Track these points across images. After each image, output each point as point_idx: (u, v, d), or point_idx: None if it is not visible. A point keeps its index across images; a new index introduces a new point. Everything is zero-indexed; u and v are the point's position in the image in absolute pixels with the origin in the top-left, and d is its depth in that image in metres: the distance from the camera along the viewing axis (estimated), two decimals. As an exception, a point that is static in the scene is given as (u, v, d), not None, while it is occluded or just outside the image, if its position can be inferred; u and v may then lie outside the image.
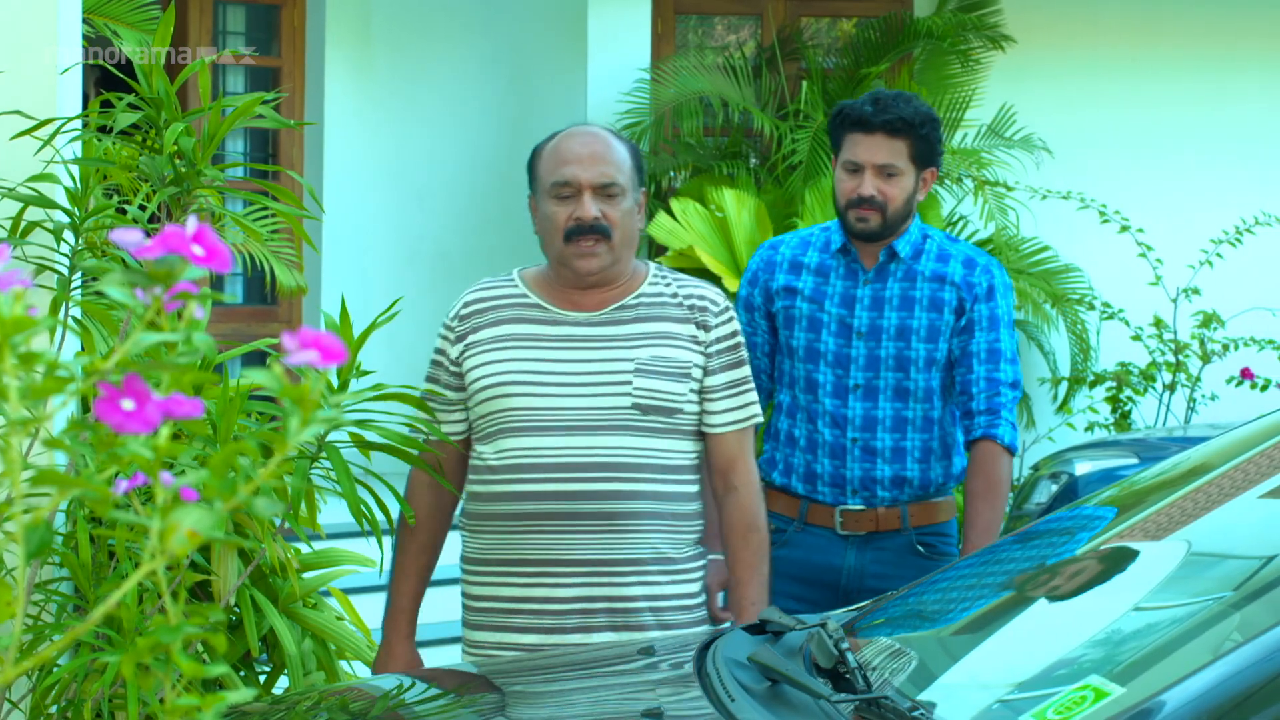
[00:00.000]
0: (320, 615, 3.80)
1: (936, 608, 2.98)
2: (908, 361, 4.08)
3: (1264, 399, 8.77)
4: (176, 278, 1.26)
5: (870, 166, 4.05)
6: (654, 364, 3.48)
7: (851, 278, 4.14)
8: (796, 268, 4.19)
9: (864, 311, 4.10)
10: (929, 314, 4.09)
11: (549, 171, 3.53)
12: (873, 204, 4.04)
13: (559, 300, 3.56)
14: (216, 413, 3.36)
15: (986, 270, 4.15)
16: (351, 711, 2.81)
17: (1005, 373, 4.12)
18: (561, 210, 3.49)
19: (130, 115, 3.51)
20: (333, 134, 9.11)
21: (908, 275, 4.12)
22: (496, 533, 3.49)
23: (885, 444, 4.08)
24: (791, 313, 4.16)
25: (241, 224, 4.11)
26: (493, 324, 3.56)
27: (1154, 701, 2.10)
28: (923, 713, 2.29)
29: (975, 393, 4.09)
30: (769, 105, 9.04)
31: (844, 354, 4.10)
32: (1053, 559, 3.06)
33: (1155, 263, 8.97)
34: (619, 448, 3.44)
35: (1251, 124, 9.70)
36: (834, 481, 4.11)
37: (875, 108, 4.05)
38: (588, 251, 3.47)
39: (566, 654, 3.05)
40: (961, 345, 4.11)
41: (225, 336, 7.89)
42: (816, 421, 4.11)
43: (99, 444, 1.25)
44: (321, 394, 1.24)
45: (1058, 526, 3.23)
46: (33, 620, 3.58)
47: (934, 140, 4.09)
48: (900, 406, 4.09)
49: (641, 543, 3.45)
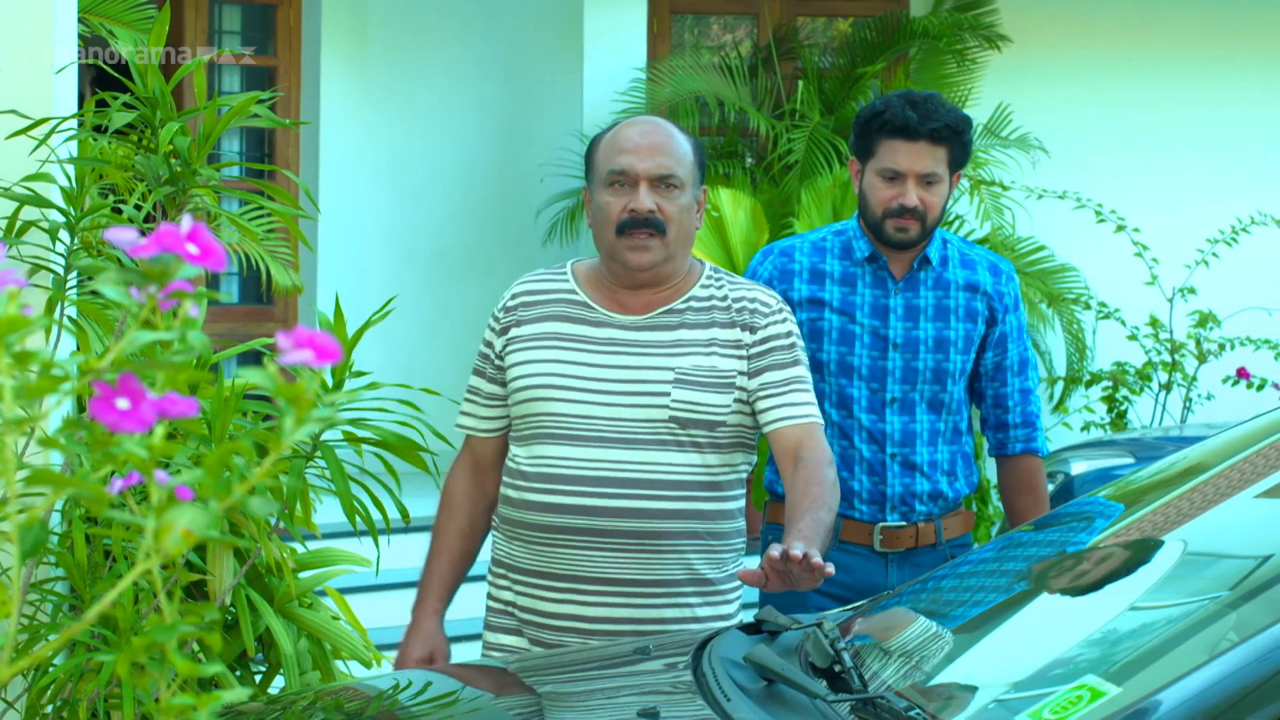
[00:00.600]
0: (316, 615, 3.80)
1: (932, 608, 2.98)
2: (945, 374, 3.94)
3: (1260, 398, 8.78)
4: (171, 277, 1.25)
5: (914, 175, 3.88)
6: (695, 374, 3.33)
7: (880, 286, 3.96)
8: (818, 276, 3.98)
9: (898, 322, 3.94)
10: (965, 324, 3.96)
11: (605, 160, 3.39)
12: (914, 214, 3.88)
13: (606, 300, 3.43)
14: (211, 412, 3.36)
15: (1011, 278, 4.06)
16: (347, 711, 2.80)
17: (1033, 381, 4.08)
18: (616, 201, 3.36)
19: (126, 115, 3.51)
20: (328, 133, 9.10)
21: (939, 284, 3.97)
22: (526, 542, 3.38)
23: (923, 458, 3.94)
24: (819, 325, 3.95)
25: (237, 223, 4.11)
26: (538, 319, 3.44)
27: (1150, 701, 2.10)
28: (918, 712, 2.29)
29: (1011, 405, 4.03)
30: (765, 105, 9.04)
31: (879, 367, 3.93)
32: (1049, 559, 3.06)
33: (1151, 262, 8.98)
34: (654, 464, 3.30)
35: (1248, 124, 9.71)
36: (872, 499, 3.93)
37: (918, 114, 3.88)
38: (640, 245, 3.34)
39: (562, 654, 3.04)
40: (995, 359, 4.02)
41: (220, 336, 7.88)
42: (853, 437, 3.93)
43: (94, 443, 1.25)
44: (316, 393, 1.24)
45: (1053, 527, 3.22)
46: (28, 620, 3.58)
47: (969, 144, 3.97)
48: (934, 419, 3.95)
49: (676, 563, 3.31)
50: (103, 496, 1.25)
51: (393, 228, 9.35)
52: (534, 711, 2.76)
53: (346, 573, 3.96)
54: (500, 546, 3.48)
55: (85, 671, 3.42)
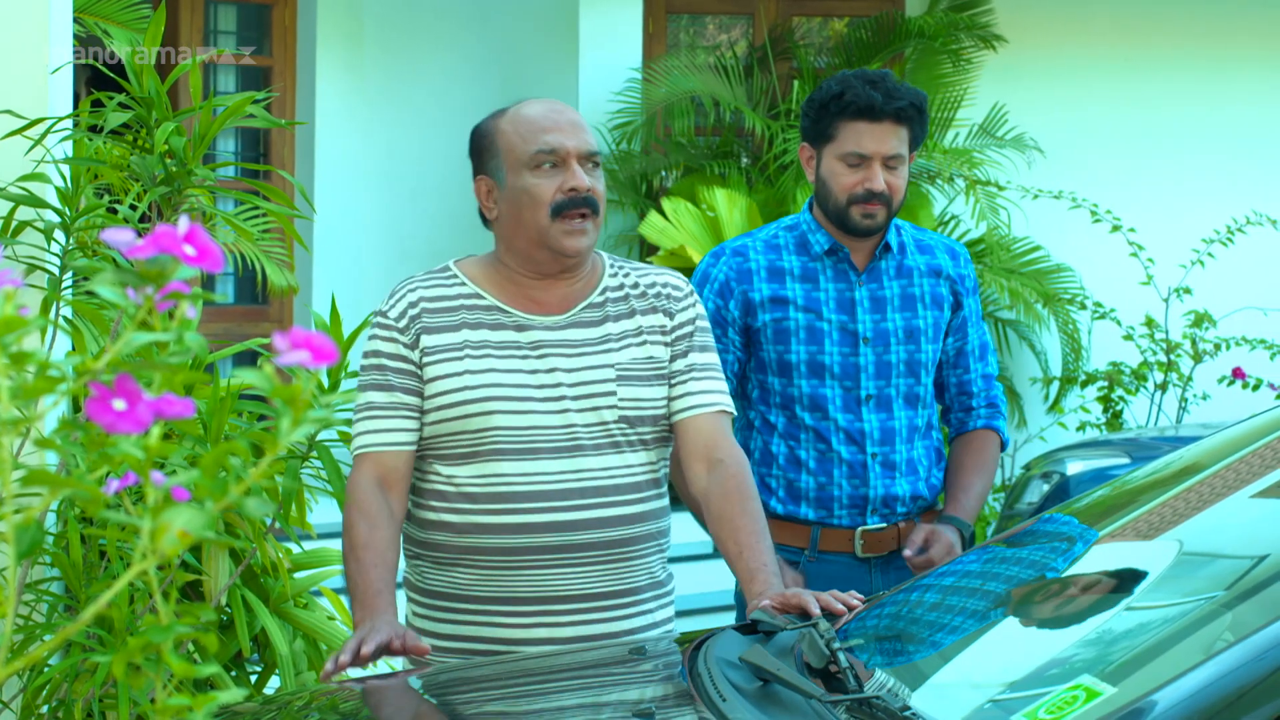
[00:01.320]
0: (311, 615, 3.80)
1: (928, 607, 2.98)
2: (918, 365, 3.77)
3: (1255, 398, 8.79)
4: (168, 277, 1.25)
5: (879, 158, 3.68)
6: (635, 367, 3.15)
7: (843, 279, 3.76)
8: (777, 274, 3.77)
9: (865, 315, 3.74)
10: (932, 311, 3.79)
11: (524, 141, 3.11)
12: (881, 198, 3.68)
13: (518, 300, 3.16)
14: (208, 412, 3.36)
15: (967, 261, 3.90)
16: (343, 711, 2.80)
17: (993, 366, 3.95)
18: (546, 183, 3.08)
19: (121, 115, 3.51)
20: (324, 133, 9.10)
21: (901, 271, 3.79)
22: (477, 568, 3.10)
23: (903, 456, 3.76)
24: (785, 325, 3.74)
25: (233, 224, 4.11)
26: (448, 328, 3.14)
27: (1145, 701, 2.10)
28: (914, 712, 2.29)
29: (975, 391, 3.89)
30: (760, 105, 9.04)
31: (851, 363, 3.73)
32: (1045, 559, 3.06)
33: (1147, 262, 8.99)
34: (610, 468, 3.11)
35: (1243, 124, 9.72)
36: (853, 503, 3.73)
37: (881, 93, 3.68)
38: (577, 229, 3.08)
39: (557, 654, 3.03)
40: (957, 345, 3.87)
41: (216, 336, 7.88)
42: (830, 440, 3.72)
43: (90, 444, 1.25)
44: (312, 394, 1.24)
45: (1049, 526, 3.22)
46: (23, 620, 3.57)
47: (928, 122, 3.81)
48: (912, 414, 3.78)
49: (640, 568, 3.16)
50: (98, 497, 1.25)
51: (388, 228, 9.35)
52: (531, 713, 2.76)
53: (342, 573, 3.96)
54: (430, 575, 3.18)
55: (81, 672, 3.42)
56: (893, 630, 2.91)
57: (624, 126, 8.86)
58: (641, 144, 8.90)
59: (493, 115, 3.20)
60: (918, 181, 8.86)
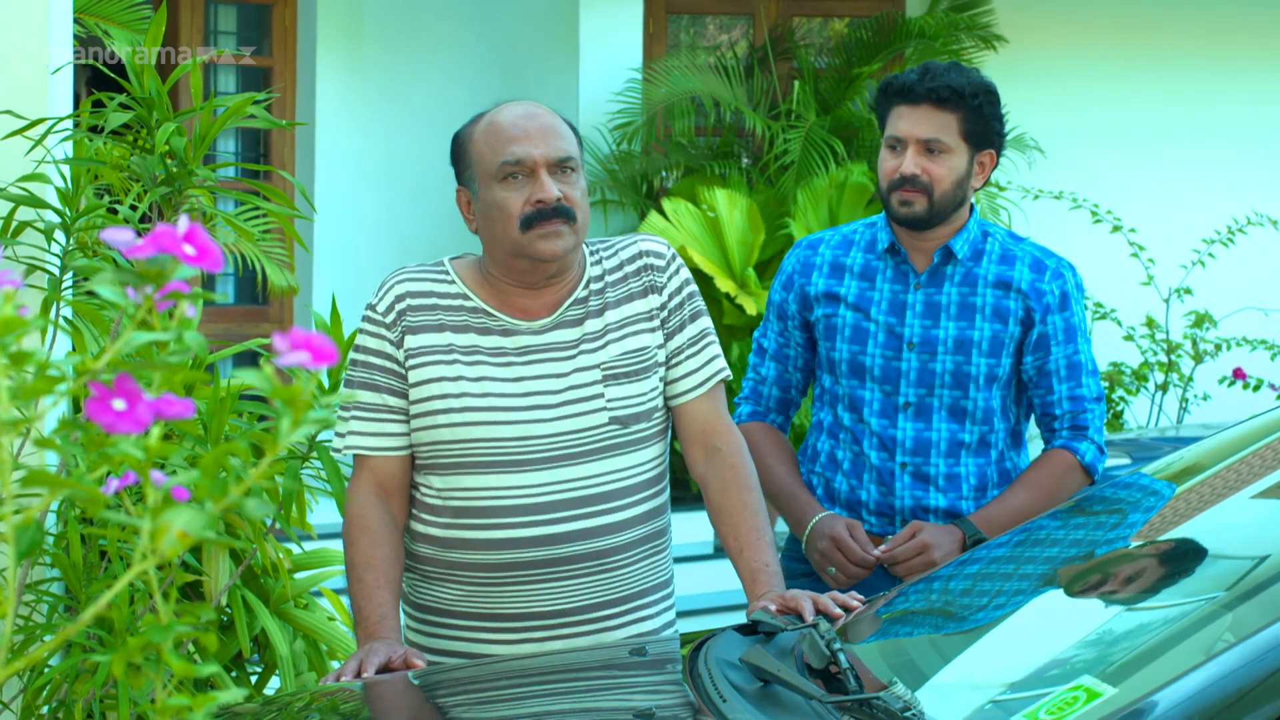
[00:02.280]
0: (311, 615, 3.80)
1: (928, 608, 2.98)
2: (966, 378, 3.58)
3: (1256, 399, 8.79)
4: (168, 277, 1.25)
5: (914, 141, 3.57)
6: (620, 363, 3.06)
7: (901, 281, 3.64)
8: (838, 270, 3.68)
9: (915, 319, 3.61)
10: (992, 324, 3.59)
11: (491, 152, 3.02)
12: (916, 184, 3.56)
13: (505, 305, 3.09)
14: (208, 413, 3.35)
15: (1058, 274, 3.63)
16: (343, 712, 2.80)
17: (1089, 387, 3.65)
18: (514, 196, 2.99)
19: (121, 115, 3.50)
20: (324, 134, 9.10)
21: (967, 279, 3.62)
22: (460, 583, 3.05)
23: (939, 470, 3.59)
24: (833, 321, 3.66)
25: (233, 224, 4.10)
26: (434, 328, 3.07)
27: (1146, 702, 2.10)
28: (915, 713, 2.29)
29: (1059, 414, 3.64)
30: (761, 105, 9.04)
31: (892, 368, 3.60)
32: (1045, 559, 3.06)
33: (1147, 263, 8.99)
34: (602, 474, 3.03)
35: (1243, 124, 9.72)
36: (880, 510, 3.62)
37: (922, 76, 3.58)
38: (551, 232, 2.98)
39: (558, 655, 3.03)
40: (1037, 364, 3.62)
41: (217, 336, 7.88)
42: (863, 443, 3.62)
43: (90, 444, 1.25)
44: (313, 394, 1.24)
45: (1049, 526, 3.22)
46: (24, 621, 3.57)
47: (990, 116, 3.62)
48: (956, 428, 3.59)
49: (634, 576, 3.09)
50: (98, 497, 1.24)
51: (388, 228, 9.35)
52: (531, 713, 2.76)
53: (342, 573, 3.95)
54: (421, 589, 3.13)
55: (81, 672, 3.42)
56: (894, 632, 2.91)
57: (624, 127, 8.86)
58: (642, 144, 8.90)
59: (470, 122, 3.13)
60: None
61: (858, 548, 3.54)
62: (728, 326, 8.03)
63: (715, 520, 3.12)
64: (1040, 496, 3.59)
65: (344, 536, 3.06)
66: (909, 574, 3.50)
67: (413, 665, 2.83)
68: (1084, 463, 3.63)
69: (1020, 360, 3.64)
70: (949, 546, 3.52)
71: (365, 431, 3.08)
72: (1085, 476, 3.64)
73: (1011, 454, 3.68)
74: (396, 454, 3.08)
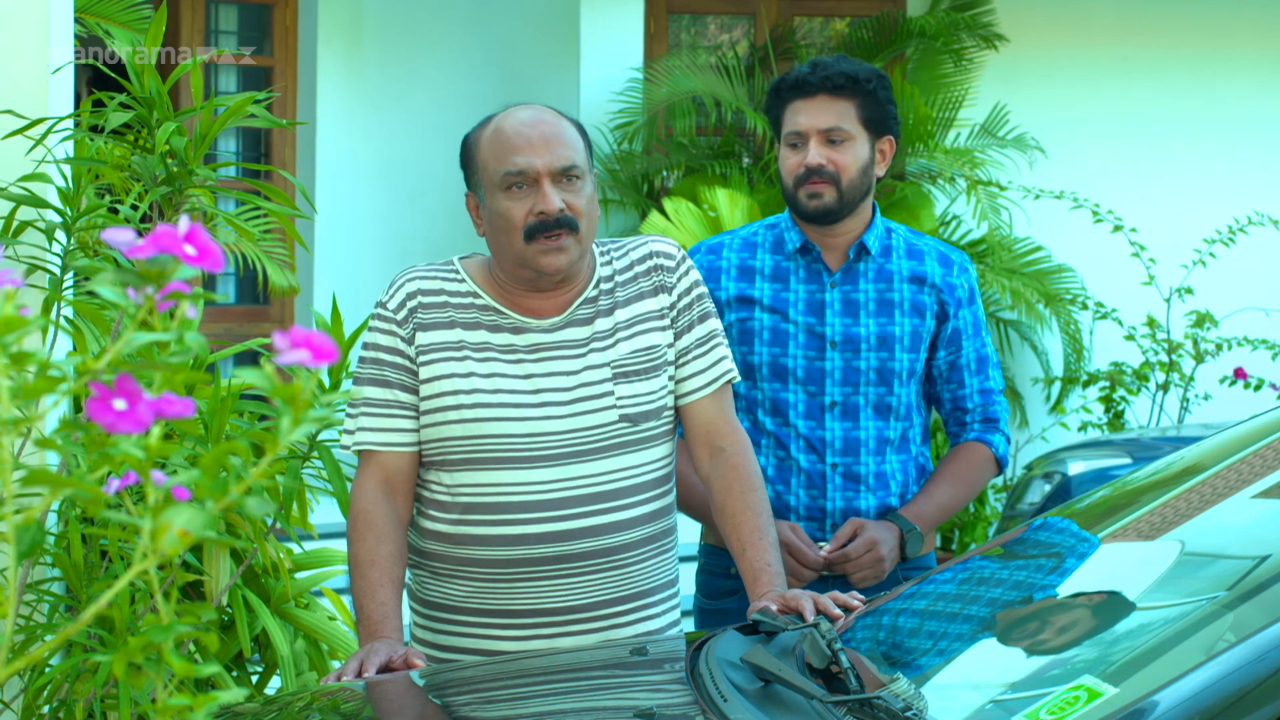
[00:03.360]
0: (312, 615, 3.80)
1: (929, 608, 2.98)
2: (890, 374, 3.56)
3: (1257, 399, 8.79)
4: (168, 277, 1.25)
5: (814, 133, 3.52)
6: (630, 361, 3.07)
7: (815, 280, 3.60)
8: (747, 273, 3.63)
9: (835, 318, 3.57)
10: (911, 319, 3.59)
11: (495, 161, 3.02)
12: (823, 174, 3.51)
13: (515, 304, 3.09)
14: (208, 412, 3.36)
15: (964, 269, 3.66)
16: (344, 712, 2.80)
17: (995, 380, 3.71)
18: (517, 206, 3.00)
19: (122, 115, 3.50)
20: (325, 133, 9.11)
21: (881, 275, 3.60)
22: (470, 579, 3.06)
23: (869, 469, 3.57)
24: (749, 325, 3.60)
25: (234, 223, 4.10)
26: (445, 325, 3.07)
27: (1147, 702, 2.10)
28: (915, 713, 2.29)
29: (970, 407, 3.67)
30: (762, 105, 9.04)
31: (816, 368, 3.56)
32: (1045, 559, 3.06)
33: (1148, 262, 8.99)
34: (612, 472, 3.04)
35: (1244, 123, 9.72)
36: (810, 515, 3.57)
37: (813, 68, 3.55)
38: (554, 247, 2.98)
39: (558, 655, 3.03)
40: (949, 359, 3.65)
41: (217, 336, 7.88)
42: (789, 447, 3.57)
43: (91, 444, 1.25)
44: (313, 393, 1.24)
45: (1050, 526, 3.22)
46: (24, 620, 3.57)
47: (884, 100, 3.57)
48: (882, 425, 3.58)
49: (642, 574, 3.09)
50: (99, 497, 1.24)
51: (388, 228, 9.35)
52: (532, 713, 2.76)
53: (343, 573, 3.96)
54: (430, 586, 3.13)
55: (82, 672, 3.42)
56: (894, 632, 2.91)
57: (625, 126, 8.86)
58: (643, 144, 8.90)
59: (479, 125, 3.12)
60: (918, 181, 8.86)
61: (808, 550, 3.50)
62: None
63: (719, 520, 3.12)
64: (963, 489, 3.65)
65: (348, 532, 3.06)
66: (858, 571, 3.48)
67: (413, 665, 2.84)
68: (997, 454, 3.69)
69: (934, 355, 3.65)
70: (891, 541, 3.53)
71: (375, 427, 3.08)
72: (997, 468, 3.72)
73: (923, 450, 3.70)
74: (405, 450, 3.07)
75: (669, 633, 3.17)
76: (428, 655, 3.08)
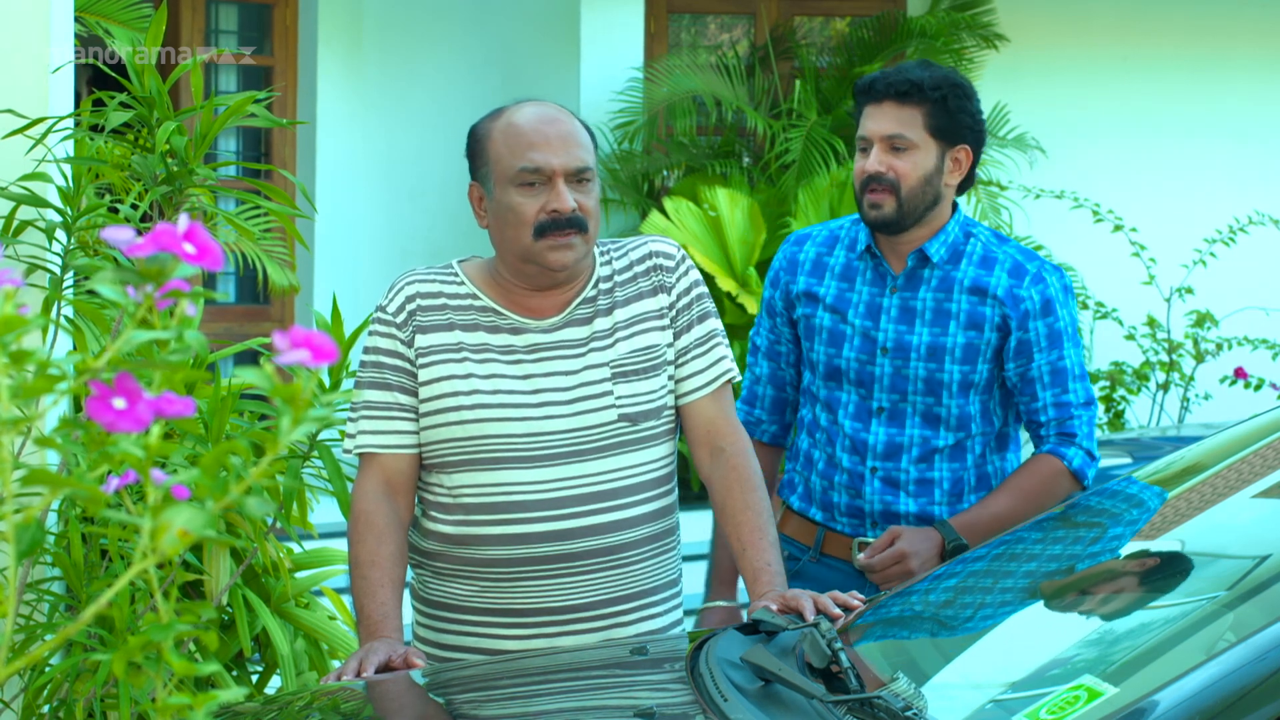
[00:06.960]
0: (312, 615, 3.80)
1: (929, 608, 2.98)
2: (939, 385, 3.51)
3: (1258, 398, 8.79)
4: (168, 276, 1.25)
5: (878, 139, 3.50)
6: (629, 361, 3.08)
7: (879, 283, 3.57)
8: (820, 269, 3.62)
9: (890, 324, 3.54)
10: (966, 332, 3.51)
11: (511, 155, 3.02)
12: (882, 182, 3.49)
13: (514, 305, 3.10)
14: (208, 411, 3.35)
15: (1038, 279, 3.52)
16: (344, 712, 2.80)
17: (1075, 393, 3.55)
18: (530, 202, 3.00)
19: (122, 114, 3.50)
20: (325, 133, 9.11)
21: (943, 284, 3.54)
22: (472, 579, 3.07)
23: (910, 475, 3.53)
24: (812, 323, 3.61)
25: (234, 223, 4.10)
26: (441, 327, 3.09)
27: (1147, 701, 2.10)
28: (916, 712, 2.29)
29: (1045, 420, 3.54)
30: (762, 104, 9.04)
31: (867, 372, 3.54)
32: (1046, 559, 3.06)
33: (1149, 262, 8.98)
34: (611, 471, 3.05)
35: (1244, 123, 9.72)
36: (851, 512, 3.58)
37: (883, 74, 3.51)
38: (563, 244, 3.00)
39: (559, 655, 3.03)
40: (1019, 371, 3.53)
41: (217, 335, 7.87)
42: (835, 445, 3.58)
43: (90, 443, 1.24)
44: (313, 393, 1.24)
45: (1050, 526, 3.22)
46: (24, 620, 3.57)
47: (957, 110, 3.50)
48: (930, 434, 3.53)
49: (645, 572, 3.10)
50: (99, 496, 1.24)
51: (388, 227, 9.35)
52: (532, 713, 2.76)
53: (343, 573, 3.95)
54: (432, 585, 3.15)
55: (82, 671, 3.42)
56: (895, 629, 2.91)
57: (625, 126, 8.86)
58: (643, 144, 8.90)
59: (490, 116, 3.12)
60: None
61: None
62: (729, 326, 8.03)
63: (720, 520, 3.13)
64: (1023, 502, 3.50)
65: (349, 533, 3.07)
66: (885, 582, 3.46)
67: (413, 664, 2.84)
68: (1071, 468, 3.53)
69: (1003, 366, 3.55)
70: (927, 553, 3.45)
71: (375, 430, 3.09)
72: (1074, 482, 3.55)
73: (995, 457, 3.61)
74: (406, 451, 3.09)
75: (671, 632, 3.18)
76: (430, 654, 3.10)
